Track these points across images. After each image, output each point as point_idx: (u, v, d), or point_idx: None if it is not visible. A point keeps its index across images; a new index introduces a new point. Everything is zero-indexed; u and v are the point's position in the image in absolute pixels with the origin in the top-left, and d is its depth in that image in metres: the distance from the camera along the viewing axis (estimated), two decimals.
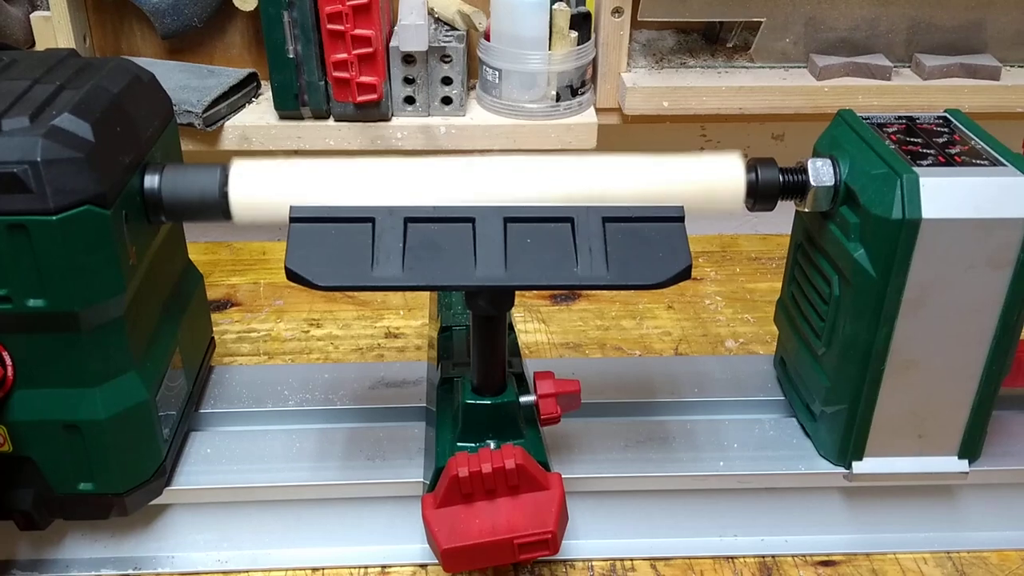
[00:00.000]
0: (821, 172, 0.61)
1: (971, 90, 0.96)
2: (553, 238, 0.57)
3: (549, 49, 0.92)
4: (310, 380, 0.75)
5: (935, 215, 0.56)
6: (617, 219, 0.57)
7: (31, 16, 0.93)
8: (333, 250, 0.56)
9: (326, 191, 0.58)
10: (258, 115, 0.96)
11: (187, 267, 0.72)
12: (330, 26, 0.88)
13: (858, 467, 0.66)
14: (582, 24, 0.93)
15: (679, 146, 1.09)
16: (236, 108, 0.96)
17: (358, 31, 0.88)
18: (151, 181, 0.58)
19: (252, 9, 0.93)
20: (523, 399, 0.64)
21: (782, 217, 0.69)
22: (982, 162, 0.60)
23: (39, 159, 0.50)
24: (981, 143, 0.62)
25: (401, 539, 0.67)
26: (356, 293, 0.97)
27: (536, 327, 0.94)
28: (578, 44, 0.93)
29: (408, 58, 0.93)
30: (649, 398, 0.74)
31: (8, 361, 0.56)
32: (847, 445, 0.65)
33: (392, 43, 0.92)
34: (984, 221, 0.57)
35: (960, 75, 0.97)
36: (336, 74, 0.91)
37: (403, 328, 0.93)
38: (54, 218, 0.51)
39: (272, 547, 0.68)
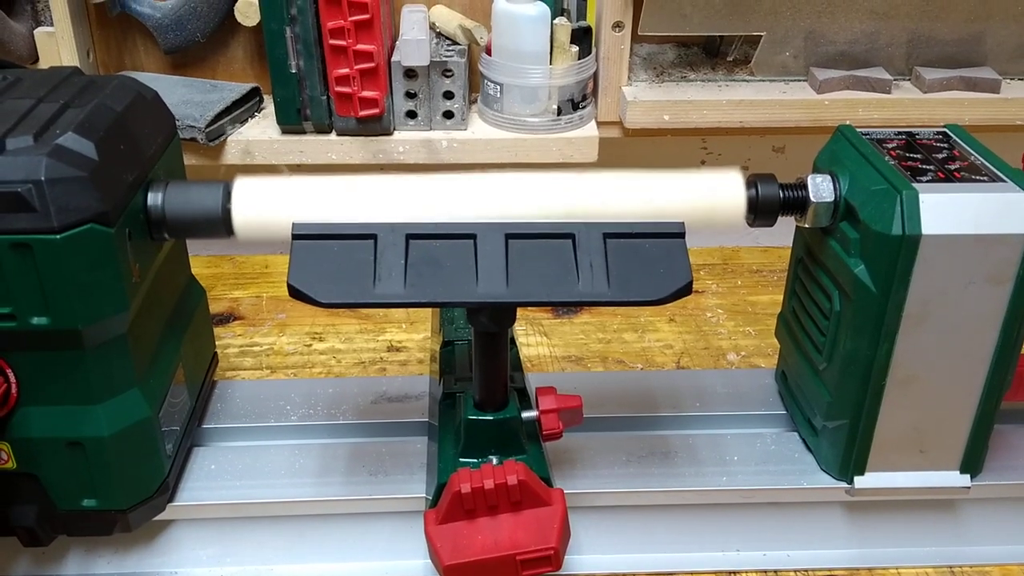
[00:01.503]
0: (821, 188, 0.61)
1: (971, 103, 0.96)
2: (554, 254, 0.57)
3: (550, 63, 0.93)
4: (312, 395, 0.75)
5: (935, 231, 0.57)
6: (618, 235, 0.57)
7: (35, 32, 0.94)
8: (335, 267, 0.56)
9: (328, 208, 0.58)
10: (260, 130, 0.97)
11: (190, 282, 0.72)
12: (332, 41, 0.88)
13: (860, 482, 0.66)
14: (583, 38, 0.94)
15: (680, 159, 1.10)
16: (239, 122, 0.97)
17: (360, 46, 0.89)
18: (154, 199, 0.59)
19: (254, 24, 0.94)
20: (525, 415, 0.64)
21: (783, 229, 0.69)
22: (981, 178, 0.60)
23: (43, 178, 0.51)
24: (980, 159, 0.62)
25: (403, 555, 0.67)
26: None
27: (538, 340, 0.94)
28: (579, 58, 0.94)
29: (410, 73, 0.93)
30: (651, 412, 0.74)
31: (12, 378, 0.56)
32: (849, 460, 0.65)
33: (394, 58, 0.92)
34: (984, 237, 0.57)
35: (960, 88, 0.97)
36: (338, 89, 0.91)
37: (405, 342, 0.94)
38: (58, 237, 0.51)
39: (275, 563, 0.68)
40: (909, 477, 0.66)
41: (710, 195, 0.60)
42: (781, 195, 0.61)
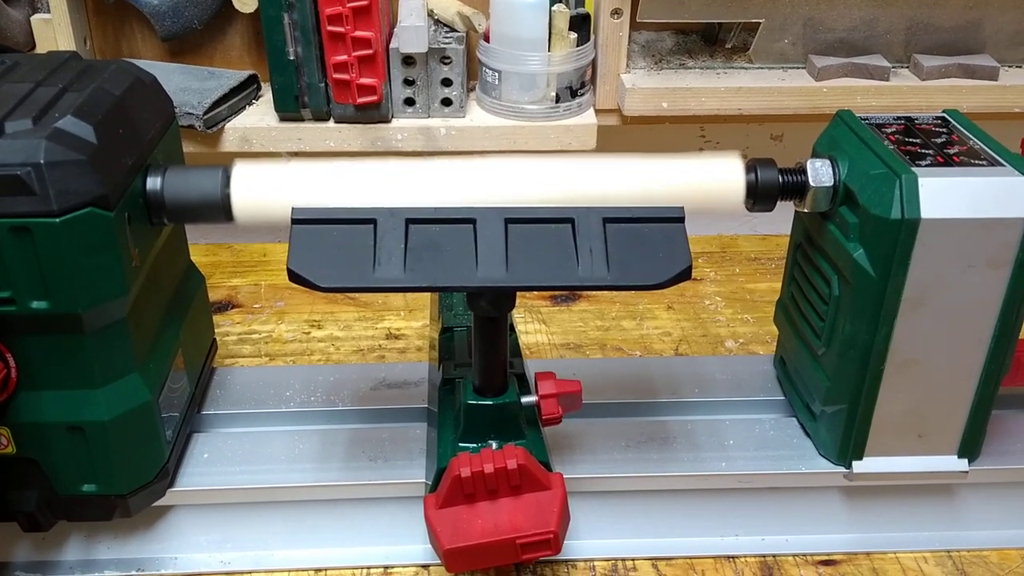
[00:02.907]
0: (820, 173, 0.61)
1: (969, 90, 0.96)
2: (554, 239, 0.57)
3: (548, 50, 0.93)
4: (311, 381, 0.75)
5: (934, 215, 0.57)
6: (618, 220, 0.57)
7: (32, 18, 0.94)
8: (335, 251, 0.56)
9: (328, 192, 0.58)
10: (258, 117, 0.96)
11: (189, 268, 0.72)
12: (330, 28, 0.88)
13: (858, 466, 0.66)
14: (581, 25, 0.94)
15: (678, 147, 1.10)
16: (236, 110, 0.97)
17: (358, 33, 0.88)
18: (153, 183, 0.58)
19: (252, 11, 0.93)
20: (525, 399, 0.64)
21: (781, 217, 0.69)
22: (980, 162, 0.60)
23: (42, 161, 0.50)
24: (979, 143, 0.62)
25: (403, 540, 0.68)
26: (357, 294, 0.97)
27: (536, 328, 0.94)
28: (577, 45, 0.93)
29: (408, 60, 0.93)
30: (650, 398, 0.74)
31: (12, 363, 0.56)
32: (847, 445, 0.66)
33: (392, 45, 0.92)
34: (983, 221, 0.57)
35: (958, 75, 0.97)
36: (336, 76, 0.91)
37: (404, 329, 0.94)
38: (57, 220, 0.51)
39: (275, 548, 0.68)
40: (907, 462, 0.66)
41: (710, 179, 0.60)
42: (780, 180, 0.61)
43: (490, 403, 0.63)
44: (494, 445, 0.64)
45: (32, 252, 0.52)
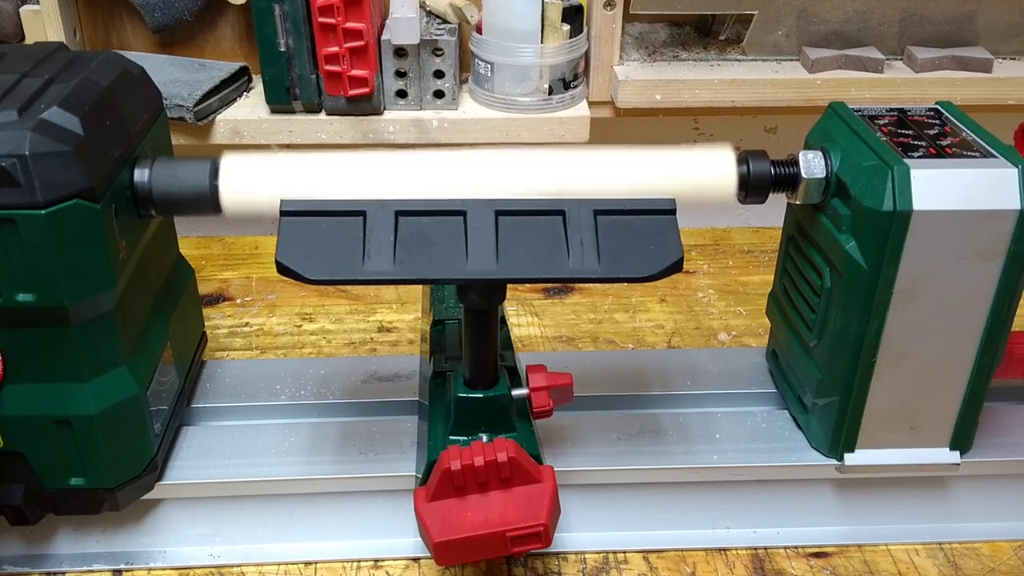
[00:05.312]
0: (812, 164, 0.61)
1: (963, 82, 0.96)
2: (544, 231, 0.57)
3: (541, 42, 0.92)
4: (302, 374, 0.75)
5: (926, 207, 0.56)
6: (609, 212, 0.57)
7: (21, 10, 0.93)
8: (324, 244, 0.55)
9: (317, 185, 0.58)
10: (249, 109, 0.96)
11: (178, 261, 0.71)
12: (321, 19, 0.88)
13: (850, 459, 0.66)
14: (574, 17, 0.93)
15: (672, 139, 1.10)
16: (227, 102, 0.96)
17: (349, 24, 0.88)
18: (141, 175, 0.58)
19: (243, 3, 0.93)
20: (515, 392, 0.64)
21: (774, 209, 0.69)
22: (973, 154, 0.60)
23: (27, 153, 0.50)
24: (972, 135, 0.62)
25: (394, 533, 0.67)
26: (348, 287, 0.97)
27: (529, 320, 0.93)
28: (570, 37, 0.93)
29: (400, 51, 0.92)
30: (642, 391, 0.74)
31: None
32: (839, 437, 0.65)
33: (384, 36, 0.92)
34: (975, 213, 0.57)
35: (952, 67, 0.97)
36: (328, 68, 0.90)
37: (396, 322, 0.93)
38: (43, 212, 0.51)
39: (265, 541, 0.68)
40: (899, 454, 0.66)
41: (701, 172, 0.60)
42: (772, 172, 0.61)
43: (480, 396, 0.63)
44: (484, 438, 0.63)
45: (17, 244, 0.52)
